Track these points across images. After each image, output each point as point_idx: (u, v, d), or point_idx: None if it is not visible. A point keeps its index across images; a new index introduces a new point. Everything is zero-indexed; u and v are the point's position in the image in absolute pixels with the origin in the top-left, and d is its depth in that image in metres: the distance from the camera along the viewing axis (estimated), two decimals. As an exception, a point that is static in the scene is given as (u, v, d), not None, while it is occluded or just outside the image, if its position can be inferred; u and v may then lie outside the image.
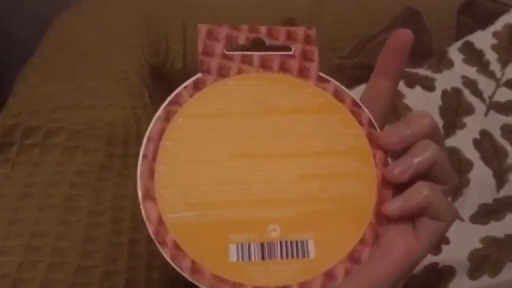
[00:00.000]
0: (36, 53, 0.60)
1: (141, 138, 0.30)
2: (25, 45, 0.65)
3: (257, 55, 0.33)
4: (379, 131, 0.32)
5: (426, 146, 0.30)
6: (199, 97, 0.31)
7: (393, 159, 0.31)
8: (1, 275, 0.37)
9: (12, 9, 0.93)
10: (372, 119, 0.32)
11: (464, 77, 0.63)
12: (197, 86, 0.31)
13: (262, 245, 0.29)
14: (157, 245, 0.28)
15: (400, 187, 0.30)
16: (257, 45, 0.33)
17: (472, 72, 0.63)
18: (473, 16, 0.71)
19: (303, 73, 0.33)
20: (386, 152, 0.32)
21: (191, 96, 0.31)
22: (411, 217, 0.30)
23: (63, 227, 0.41)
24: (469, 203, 0.54)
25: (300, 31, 0.33)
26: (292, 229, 0.29)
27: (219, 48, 0.32)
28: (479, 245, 0.52)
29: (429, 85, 0.62)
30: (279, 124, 0.31)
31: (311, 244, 0.29)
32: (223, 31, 0.33)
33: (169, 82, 0.63)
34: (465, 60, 0.64)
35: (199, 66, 0.32)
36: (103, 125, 0.50)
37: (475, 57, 0.64)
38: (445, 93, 0.61)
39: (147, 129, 0.30)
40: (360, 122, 0.32)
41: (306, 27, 0.34)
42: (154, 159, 0.29)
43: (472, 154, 0.57)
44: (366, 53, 0.69)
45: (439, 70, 0.64)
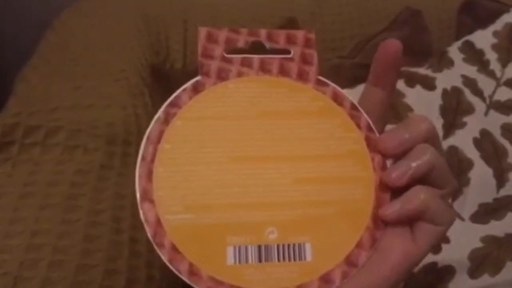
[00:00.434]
0: (35, 53, 0.60)
1: (141, 137, 0.30)
2: (24, 45, 0.65)
3: (256, 58, 0.33)
4: (377, 135, 0.32)
5: (424, 150, 0.30)
6: (198, 100, 0.31)
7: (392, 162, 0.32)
8: (2, 273, 0.37)
9: (10, 9, 0.93)
10: (370, 123, 0.32)
11: (464, 77, 0.63)
12: (196, 88, 0.32)
13: (259, 248, 0.29)
14: (155, 247, 0.28)
15: (398, 191, 0.30)
16: (256, 48, 0.33)
17: (472, 71, 0.63)
18: (473, 15, 0.71)
19: (302, 76, 0.33)
20: (384, 155, 0.32)
21: (190, 98, 0.31)
22: (409, 221, 0.30)
23: (63, 226, 0.41)
24: (469, 202, 0.54)
25: (300, 34, 0.34)
26: (289, 232, 0.29)
27: (218, 51, 0.32)
28: (479, 244, 0.52)
29: (429, 84, 0.62)
30: (277, 127, 0.31)
31: (308, 247, 0.29)
32: (222, 34, 0.33)
33: (169, 81, 0.63)
34: (465, 59, 0.64)
35: (199, 68, 0.32)
36: (103, 124, 0.50)
37: (475, 56, 0.64)
38: (445, 93, 0.61)
39: (147, 129, 0.30)
40: (358, 125, 0.32)
41: (306, 31, 0.34)
42: (152, 161, 0.30)
43: (472, 153, 0.57)
44: (365, 53, 0.69)
45: (440, 69, 0.64)
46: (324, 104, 0.32)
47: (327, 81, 0.33)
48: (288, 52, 0.33)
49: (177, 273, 0.28)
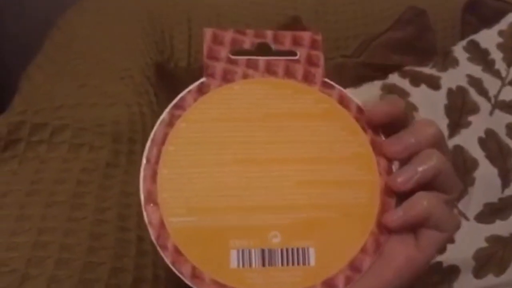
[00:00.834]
0: (40, 52, 0.60)
1: (147, 135, 0.30)
2: (28, 44, 0.65)
3: (262, 59, 0.32)
4: (383, 139, 0.32)
5: (430, 155, 0.29)
6: (203, 101, 0.31)
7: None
8: (10, 270, 0.37)
9: (14, 8, 0.93)
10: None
11: (469, 76, 0.63)
12: (201, 90, 0.31)
13: (262, 251, 0.29)
14: (158, 249, 0.28)
15: (403, 196, 0.30)
16: (262, 49, 0.33)
17: (477, 71, 0.63)
18: (478, 15, 0.71)
19: (308, 78, 0.32)
20: (390, 160, 0.31)
21: (195, 100, 0.31)
22: (412, 228, 0.30)
23: (70, 224, 0.41)
24: (474, 202, 0.54)
25: (306, 36, 0.33)
26: (293, 236, 0.29)
27: (224, 52, 0.32)
28: (484, 244, 0.52)
29: (434, 83, 0.62)
30: (282, 129, 0.31)
31: (311, 251, 0.29)
32: (228, 35, 0.32)
33: (173, 80, 0.63)
34: (470, 59, 0.64)
35: (204, 70, 0.32)
36: (109, 122, 0.50)
37: (480, 56, 0.64)
38: (450, 92, 0.61)
39: (153, 127, 0.30)
40: (364, 129, 0.32)
41: (312, 32, 0.33)
42: (157, 163, 0.30)
43: (477, 153, 0.57)
44: (369, 52, 0.69)
45: (444, 68, 0.64)
46: (329, 106, 0.32)
47: (333, 83, 0.33)
48: (294, 53, 0.33)
49: (179, 275, 0.28)
